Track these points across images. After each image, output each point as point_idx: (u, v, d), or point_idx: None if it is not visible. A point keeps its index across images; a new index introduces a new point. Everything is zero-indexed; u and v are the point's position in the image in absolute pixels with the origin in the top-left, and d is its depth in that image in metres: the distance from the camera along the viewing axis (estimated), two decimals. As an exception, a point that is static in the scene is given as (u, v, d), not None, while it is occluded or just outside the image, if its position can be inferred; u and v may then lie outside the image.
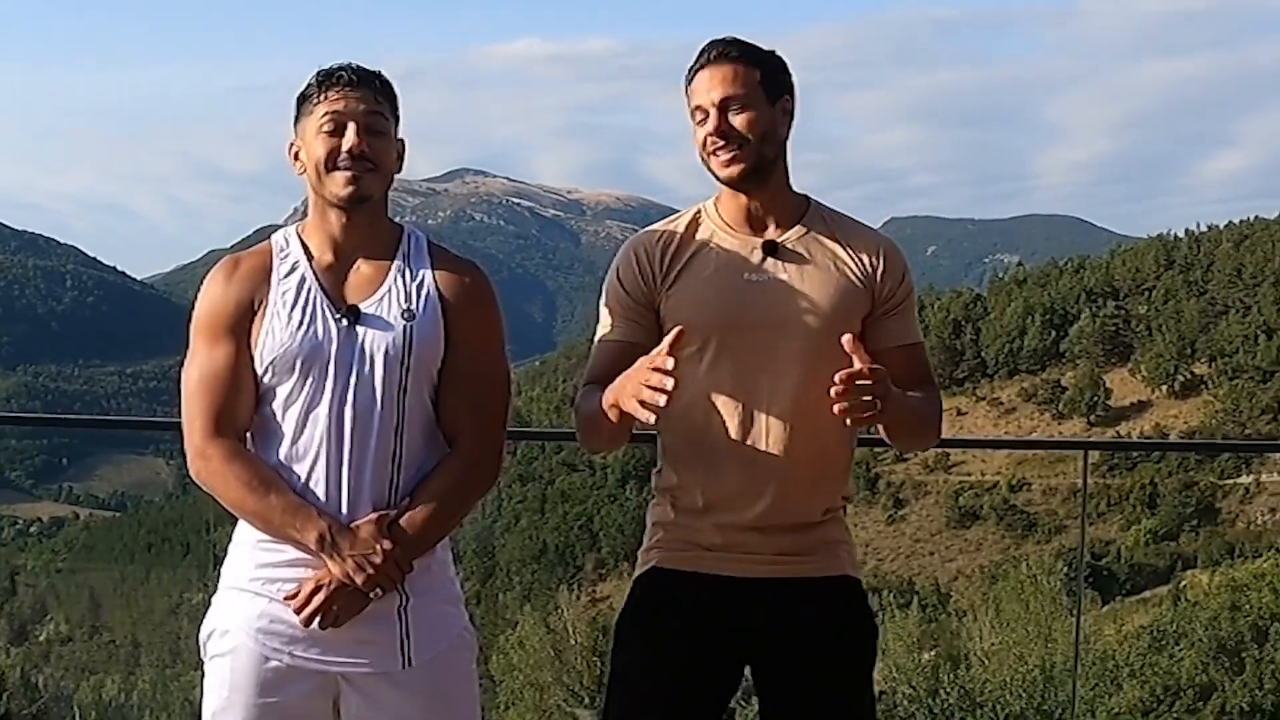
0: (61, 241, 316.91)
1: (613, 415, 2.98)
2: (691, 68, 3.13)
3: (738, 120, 3.07)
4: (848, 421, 2.84)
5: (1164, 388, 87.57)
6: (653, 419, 2.81)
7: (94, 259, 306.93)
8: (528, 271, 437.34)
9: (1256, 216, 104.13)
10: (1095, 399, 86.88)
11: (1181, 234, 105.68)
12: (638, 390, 2.83)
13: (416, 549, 2.98)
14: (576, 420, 3.20)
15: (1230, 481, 69.40)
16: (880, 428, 3.01)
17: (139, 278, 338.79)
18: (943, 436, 3.39)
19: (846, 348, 2.85)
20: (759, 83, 3.10)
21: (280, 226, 3.20)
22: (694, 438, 3.15)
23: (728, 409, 3.09)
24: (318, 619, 2.91)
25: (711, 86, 3.07)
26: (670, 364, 2.80)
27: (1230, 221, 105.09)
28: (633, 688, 3.25)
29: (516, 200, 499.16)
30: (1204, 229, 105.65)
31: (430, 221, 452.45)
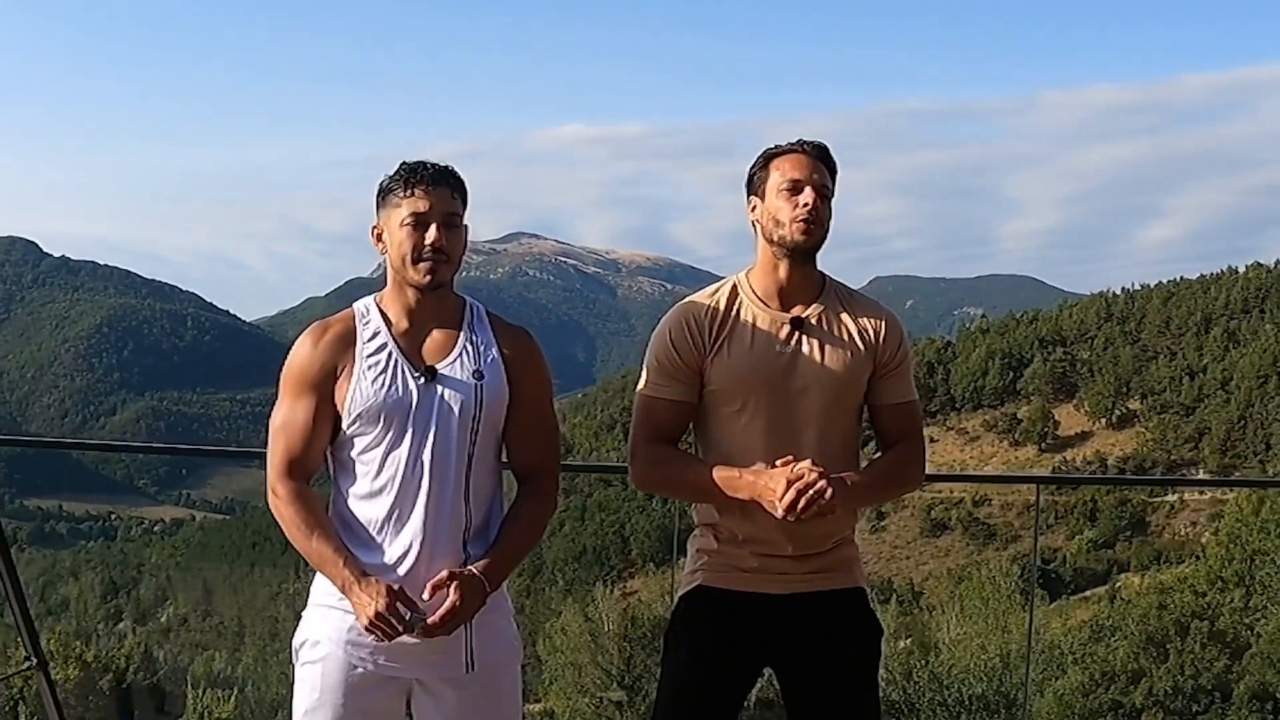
0: (183, 289, 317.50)
1: (741, 496, 3.07)
2: (781, 151, 3.20)
3: (825, 208, 3.15)
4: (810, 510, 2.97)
5: (1103, 420, 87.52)
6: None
7: (210, 303, 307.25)
8: (572, 319, 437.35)
9: (1181, 277, 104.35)
10: (1046, 429, 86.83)
11: (1119, 291, 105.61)
12: (779, 495, 2.97)
13: (506, 570, 3.02)
14: (669, 478, 3.26)
15: (1158, 499, 69.33)
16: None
17: (247, 320, 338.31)
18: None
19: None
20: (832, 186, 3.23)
21: (366, 279, 3.17)
22: None
23: (760, 459, 3.11)
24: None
25: (813, 171, 3.15)
26: (822, 486, 2.95)
27: (1159, 281, 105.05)
28: (680, 683, 3.27)
29: (563, 259, 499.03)
30: (1137, 287, 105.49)
31: (491, 276, 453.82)
